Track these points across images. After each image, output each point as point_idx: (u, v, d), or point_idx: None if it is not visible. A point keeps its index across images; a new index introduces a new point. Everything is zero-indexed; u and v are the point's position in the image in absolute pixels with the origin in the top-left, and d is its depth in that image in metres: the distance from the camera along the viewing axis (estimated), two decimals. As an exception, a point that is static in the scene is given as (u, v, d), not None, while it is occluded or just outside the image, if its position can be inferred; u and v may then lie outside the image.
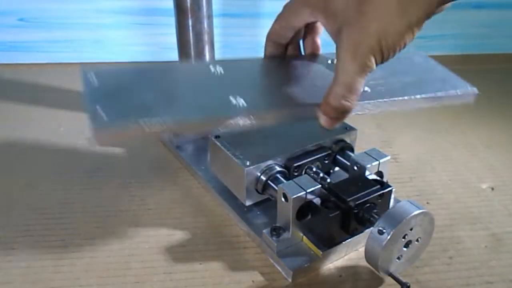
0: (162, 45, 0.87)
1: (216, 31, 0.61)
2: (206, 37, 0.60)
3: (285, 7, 0.41)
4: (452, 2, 0.33)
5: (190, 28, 0.58)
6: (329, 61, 0.45)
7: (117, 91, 0.37)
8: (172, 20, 0.59)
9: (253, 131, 0.46)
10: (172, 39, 0.61)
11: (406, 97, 0.42)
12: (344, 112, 0.37)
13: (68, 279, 0.42)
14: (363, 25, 0.33)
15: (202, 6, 0.57)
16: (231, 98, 0.38)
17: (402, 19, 0.32)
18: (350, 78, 0.35)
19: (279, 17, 0.41)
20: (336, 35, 0.36)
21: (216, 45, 0.63)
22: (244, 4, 0.86)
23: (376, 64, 0.35)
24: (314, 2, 0.37)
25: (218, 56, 0.65)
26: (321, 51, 0.45)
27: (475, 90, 0.46)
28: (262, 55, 0.40)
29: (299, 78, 0.43)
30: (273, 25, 0.42)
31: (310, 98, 0.40)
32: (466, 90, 0.45)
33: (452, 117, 0.72)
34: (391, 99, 0.41)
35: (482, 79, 0.86)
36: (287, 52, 0.45)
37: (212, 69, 0.42)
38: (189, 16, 0.57)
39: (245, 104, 0.37)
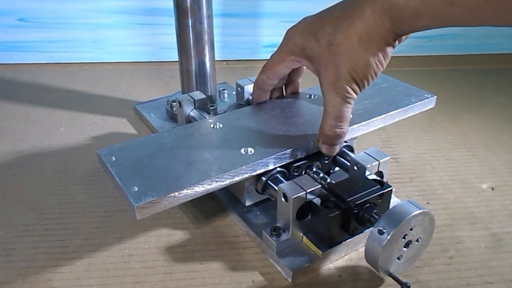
0: (162, 45, 0.87)
1: (216, 31, 0.61)
2: (206, 37, 0.60)
3: (272, 58, 0.46)
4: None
5: (190, 28, 0.58)
6: (308, 96, 0.53)
7: (141, 166, 0.41)
8: (172, 20, 0.59)
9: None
10: (172, 39, 0.61)
11: (383, 115, 0.50)
12: (340, 138, 0.43)
13: (68, 279, 0.42)
14: (335, 63, 0.39)
15: (202, 6, 0.57)
16: (242, 150, 0.43)
17: (365, 53, 0.38)
18: (337, 109, 0.41)
19: (266, 68, 0.47)
20: (317, 74, 0.42)
21: (216, 45, 0.63)
22: (244, 4, 0.86)
23: (356, 93, 0.40)
24: (296, 50, 0.43)
25: (218, 56, 0.65)
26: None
27: (434, 96, 0.54)
28: (261, 55, 0.40)
29: (289, 117, 0.49)
30: (260, 75, 0.48)
31: (305, 133, 0.46)
32: (427, 98, 0.53)
33: (452, 117, 0.72)
34: (372, 119, 0.49)
35: (482, 79, 0.86)
36: (272, 96, 0.52)
37: (212, 125, 0.47)
38: (189, 16, 0.57)
39: (253, 151, 0.43)
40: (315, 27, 0.41)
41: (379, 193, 0.41)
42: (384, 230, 0.37)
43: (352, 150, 0.51)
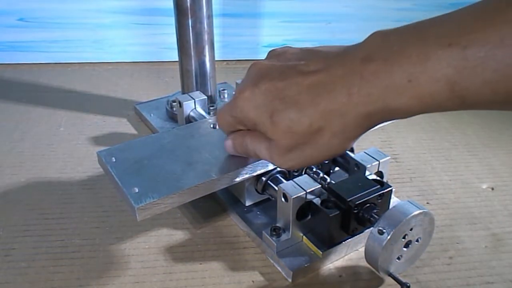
0: (162, 45, 0.87)
1: (216, 31, 0.61)
2: (206, 37, 0.60)
3: (220, 118, 0.40)
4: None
5: (190, 28, 0.58)
6: None
7: (141, 167, 0.41)
8: (172, 20, 0.59)
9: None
10: (172, 39, 0.61)
11: None
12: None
13: (68, 279, 0.42)
14: (292, 149, 0.33)
15: (202, 6, 0.57)
16: None
17: (333, 148, 0.32)
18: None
19: (219, 124, 0.41)
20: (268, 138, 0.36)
21: (216, 45, 0.63)
22: (244, 4, 0.86)
23: None
24: (247, 123, 0.36)
25: (218, 56, 0.65)
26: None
27: None
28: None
29: None
30: (219, 121, 0.41)
31: None
32: None
33: (452, 117, 0.72)
34: None
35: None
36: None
37: (212, 126, 0.47)
38: (189, 16, 0.57)
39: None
40: (273, 104, 0.32)
41: (379, 193, 0.41)
42: (384, 230, 0.37)
43: (352, 150, 0.51)
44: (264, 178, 0.45)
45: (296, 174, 0.47)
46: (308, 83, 0.31)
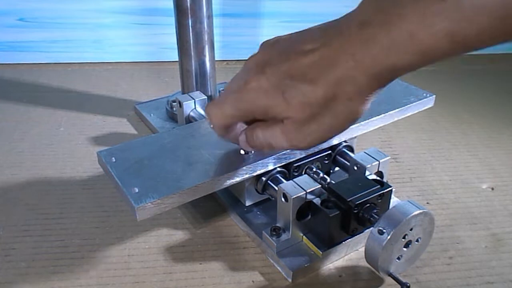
0: (162, 45, 0.87)
1: (216, 31, 0.61)
2: (206, 37, 0.60)
3: (218, 111, 0.39)
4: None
5: (190, 28, 0.58)
6: None
7: (141, 167, 0.41)
8: (172, 20, 0.59)
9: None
10: (172, 39, 0.61)
11: (382, 114, 0.50)
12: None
13: (68, 279, 0.42)
14: (308, 124, 0.33)
15: (202, 6, 0.57)
16: (242, 151, 0.42)
17: (350, 115, 0.32)
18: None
19: (215, 124, 0.39)
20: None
21: (216, 45, 0.63)
22: (244, 4, 0.86)
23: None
24: (258, 112, 0.36)
25: (218, 56, 0.65)
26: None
27: (433, 96, 0.54)
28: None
29: None
30: (213, 126, 0.40)
31: None
32: (426, 97, 0.54)
33: (452, 117, 0.72)
34: (371, 119, 0.49)
35: (482, 79, 0.86)
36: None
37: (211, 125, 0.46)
38: (189, 16, 0.57)
39: (253, 152, 0.42)
40: (282, 84, 0.32)
41: (379, 193, 0.41)
42: (384, 230, 0.37)
43: (352, 150, 0.51)
44: (264, 178, 0.45)
45: (296, 174, 0.47)
46: (311, 60, 0.31)
